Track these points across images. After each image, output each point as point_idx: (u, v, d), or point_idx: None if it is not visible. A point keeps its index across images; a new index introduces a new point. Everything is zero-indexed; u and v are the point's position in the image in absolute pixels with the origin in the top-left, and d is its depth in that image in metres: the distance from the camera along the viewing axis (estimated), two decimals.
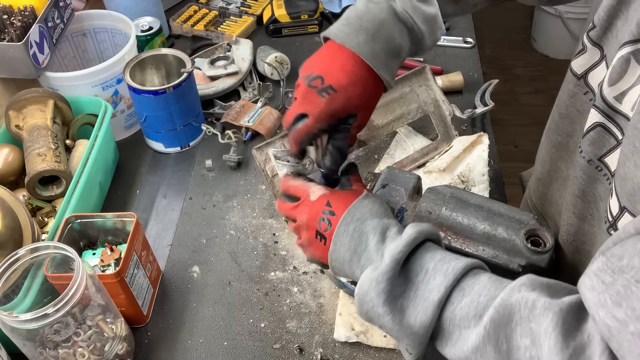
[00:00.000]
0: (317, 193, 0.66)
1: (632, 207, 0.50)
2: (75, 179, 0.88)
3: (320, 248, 0.64)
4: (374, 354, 0.77)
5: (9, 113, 0.96)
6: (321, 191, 0.66)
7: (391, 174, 0.76)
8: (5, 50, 0.96)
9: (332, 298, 0.84)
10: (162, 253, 0.91)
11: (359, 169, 1.02)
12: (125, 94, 1.09)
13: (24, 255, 0.68)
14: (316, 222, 0.64)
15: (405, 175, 0.76)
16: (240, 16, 1.40)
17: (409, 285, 0.55)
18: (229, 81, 1.17)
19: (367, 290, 0.55)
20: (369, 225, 0.60)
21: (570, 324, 0.46)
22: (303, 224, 0.65)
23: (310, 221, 0.64)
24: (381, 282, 0.54)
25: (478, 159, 0.94)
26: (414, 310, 0.54)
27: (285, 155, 0.89)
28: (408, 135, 1.04)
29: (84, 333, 0.70)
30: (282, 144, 0.91)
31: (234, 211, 0.97)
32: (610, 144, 0.58)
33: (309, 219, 0.64)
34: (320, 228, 0.63)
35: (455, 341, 0.53)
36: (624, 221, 0.52)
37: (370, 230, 0.59)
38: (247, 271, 0.88)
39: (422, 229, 0.57)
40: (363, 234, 0.60)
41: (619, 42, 0.56)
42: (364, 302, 0.56)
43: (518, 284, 0.51)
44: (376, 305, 0.55)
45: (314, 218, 0.64)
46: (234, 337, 0.80)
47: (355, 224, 0.60)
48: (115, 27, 1.17)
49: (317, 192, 0.66)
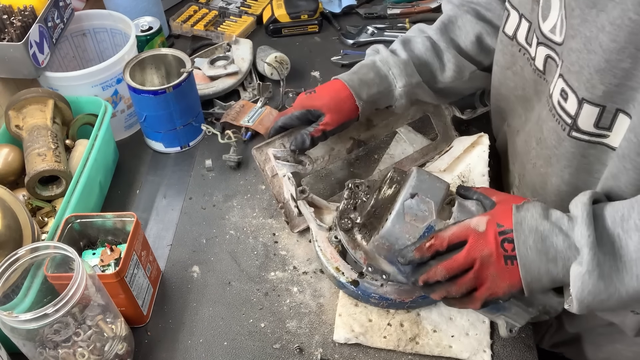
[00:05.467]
0: (482, 222, 0.65)
1: (590, 94, 0.60)
2: (75, 179, 0.88)
3: (510, 274, 0.62)
4: (374, 354, 0.77)
5: (9, 113, 0.96)
6: (483, 219, 0.65)
7: (420, 181, 0.71)
8: (5, 50, 0.96)
9: (332, 298, 0.84)
10: (162, 253, 0.91)
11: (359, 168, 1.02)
12: (125, 94, 1.09)
13: (24, 255, 0.67)
14: (500, 248, 0.62)
15: (435, 184, 0.72)
16: (240, 16, 1.40)
17: (612, 258, 0.57)
18: (228, 81, 1.17)
19: (582, 286, 0.57)
20: (544, 230, 0.61)
21: None
22: (487, 258, 0.63)
23: (495, 249, 0.63)
24: (592, 271, 0.56)
25: (478, 159, 0.94)
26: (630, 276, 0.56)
27: (285, 156, 0.89)
28: (407, 135, 1.04)
29: (84, 333, 0.69)
30: (282, 144, 0.91)
31: (234, 211, 0.97)
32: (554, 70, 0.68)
33: (492, 248, 0.63)
34: (507, 251, 0.62)
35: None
36: (584, 115, 0.62)
37: (548, 233, 0.60)
38: (247, 271, 0.88)
39: (584, 202, 0.59)
40: (544, 239, 0.60)
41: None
42: (584, 297, 0.58)
43: None
44: (597, 294, 0.57)
45: (497, 246, 0.63)
46: (234, 337, 0.80)
47: (532, 236, 0.61)
48: (115, 27, 1.17)
49: (481, 221, 0.65)
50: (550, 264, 0.60)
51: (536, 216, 0.62)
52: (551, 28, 0.67)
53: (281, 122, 0.90)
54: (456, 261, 0.64)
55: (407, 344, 0.77)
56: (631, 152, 0.58)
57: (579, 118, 0.63)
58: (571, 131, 0.64)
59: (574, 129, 0.64)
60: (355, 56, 1.27)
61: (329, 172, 1.02)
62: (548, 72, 0.71)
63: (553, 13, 0.66)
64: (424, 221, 0.69)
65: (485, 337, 0.77)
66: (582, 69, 0.60)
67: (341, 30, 1.36)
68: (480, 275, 0.64)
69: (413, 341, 0.77)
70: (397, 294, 0.78)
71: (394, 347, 0.77)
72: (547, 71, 0.71)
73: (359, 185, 0.79)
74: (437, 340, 0.77)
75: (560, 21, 0.64)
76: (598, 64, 0.58)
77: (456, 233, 0.65)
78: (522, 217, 0.62)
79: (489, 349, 0.76)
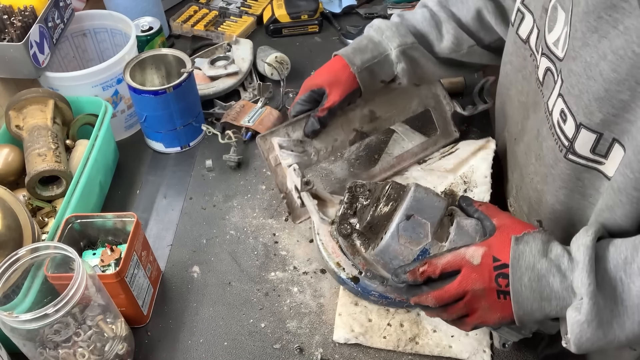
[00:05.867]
0: (477, 254, 0.63)
1: (588, 120, 0.58)
2: (75, 179, 0.88)
3: (502, 307, 0.62)
4: (374, 354, 0.77)
5: (9, 113, 0.96)
6: (479, 250, 0.63)
7: (417, 201, 0.69)
8: (6, 50, 0.96)
9: (332, 298, 0.84)
10: (162, 253, 0.91)
11: (359, 168, 1.02)
12: (125, 94, 1.09)
13: (24, 255, 0.68)
14: (493, 282, 0.61)
15: (433, 204, 0.69)
16: (240, 16, 1.40)
17: (613, 303, 0.56)
18: (229, 81, 1.17)
19: (580, 333, 0.56)
20: (540, 268, 0.59)
21: None
22: (479, 292, 0.62)
23: (487, 283, 0.61)
24: (592, 320, 0.55)
25: (482, 161, 0.94)
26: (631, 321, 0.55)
27: (290, 145, 0.88)
28: (405, 133, 1.05)
29: (84, 333, 0.69)
30: (287, 133, 0.91)
31: (234, 211, 0.97)
32: (551, 86, 0.66)
33: (486, 282, 0.61)
34: (500, 286, 0.61)
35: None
36: (581, 139, 0.60)
37: (545, 273, 0.59)
38: (247, 271, 0.88)
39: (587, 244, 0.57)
40: (540, 279, 0.59)
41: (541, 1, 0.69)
42: (582, 343, 0.57)
43: None
44: (596, 341, 0.56)
45: (490, 280, 0.61)
46: (234, 337, 0.80)
47: (528, 274, 0.59)
48: (115, 27, 1.17)
49: (477, 253, 0.63)
50: (544, 302, 0.59)
51: (534, 252, 0.60)
52: (554, 41, 0.65)
53: (294, 111, 0.91)
54: (447, 292, 0.63)
55: (407, 344, 0.77)
56: (627, 186, 0.56)
57: (576, 142, 0.61)
58: (567, 153, 0.63)
59: (570, 151, 0.63)
60: None
61: (329, 171, 1.02)
62: (545, 85, 0.69)
63: (558, 26, 0.64)
64: (419, 244, 0.67)
65: (485, 337, 0.77)
66: (581, 93, 0.59)
67: (341, 30, 1.36)
68: (471, 306, 0.63)
69: (413, 341, 0.77)
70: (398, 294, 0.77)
71: (394, 347, 0.77)
72: (544, 84, 0.69)
73: (360, 188, 0.76)
74: (437, 340, 0.77)
75: (565, 36, 0.63)
76: (597, 92, 0.56)
77: (450, 262, 0.64)
78: (520, 251, 0.60)
79: (489, 349, 0.76)
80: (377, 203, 0.72)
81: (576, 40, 0.59)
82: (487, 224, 0.67)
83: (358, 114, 0.96)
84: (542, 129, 0.70)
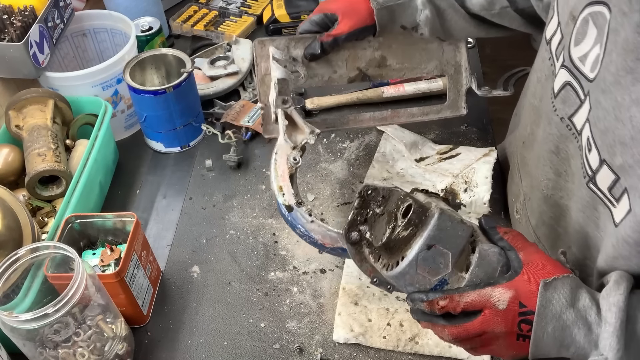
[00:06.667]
0: (504, 298, 0.58)
1: (610, 159, 0.55)
2: (75, 179, 0.88)
3: (519, 347, 0.59)
4: (374, 354, 0.77)
5: (9, 113, 0.96)
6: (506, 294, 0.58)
7: (440, 230, 0.61)
8: (5, 50, 0.96)
9: (331, 298, 0.84)
10: (162, 253, 0.91)
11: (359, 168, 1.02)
12: (125, 94, 1.09)
13: (24, 255, 0.68)
14: (515, 327, 0.58)
15: (457, 232, 0.62)
16: (240, 16, 1.40)
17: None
18: (229, 81, 1.17)
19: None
20: (566, 319, 0.57)
21: None
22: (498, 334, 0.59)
23: (509, 327, 0.58)
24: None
25: (483, 163, 0.94)
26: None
27: (284, 60, 0.85)
28: (395, 132, 1.05)
29: (84, 333, 0.69)
30: (287, 46, 0.87)
31: (234, 211, 0.97)
32: (576, 103, 0.62)
33: (507, 325, 0.58)
34: (522, 331, 0.58)
35: None
36: (602, 174, 0.57)
37: (570, 324, 0.57)
38: (247, 271, 0.88)
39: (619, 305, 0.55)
40: (564, 329, 0.57)
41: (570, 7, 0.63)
42: None
43: None
44: None
45: (513, 325, 0.58)
46: (234, 337, 0.80)
47: (553, 323, 0.57)
48: (115, 27, 1.17)
49: (503, 297, 0.58)
50: (562, 349, 0.58)
51: (563, 301, 0.57)
52: (581, 56, 0.60)
53: (301, 29, 0.87)
54: (465, 331, 0.60)
55: (407, 344, 0.77)
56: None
57: (598, 175, 0.59)
58: (589, 182, 0.60)
59: (592, 181, 0.60)
60: None
61: (329, 172, 1.02)
62: (562, 99, 0.65)
63: (587, 41, 0.59)
64: (438, 274, 0.62)
65: None
66: (607, 131, 0.55)
67: None
68: (487, 343, 0.61)
69: (412, 341, 0.77)
70: (322, 237, 0.71)
71: (394, 347, 0.77)
72: (559, 97, 0.65)
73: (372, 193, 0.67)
74: (437, 340, 0.77)
75: (596, 59, 0.58)
76: (623, 136, 0.53)
77: (474, 302, 0.59)
78: (548, 299, 0.57)
79: None
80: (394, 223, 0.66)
81: (609, 73, 0.55)
82: (513, 257, 0.61)
83: (368, 55, 0.91)
84: (568, 146, 0.66)
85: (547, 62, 0.70)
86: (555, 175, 0.70)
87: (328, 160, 1.04)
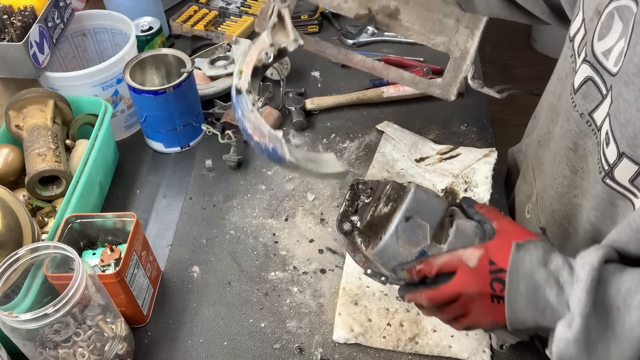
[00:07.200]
0: (474, 256, 0.62)
1: (631, 151, 0.55)
2: (75, 179, 0.88)
3: (495, 311, 0.61)
4: (374, 354, 0.77)
5: (9, 113, 0.96)
6: (476, 252, 0.62)
7: (417, 202, 0.67)
8: (5, 50, 0.96)
9: (332, 298, 0.84)
10: (162, 253, 0.91)
11: (359, 168, 1.02)
12: (125, 94, 1.09)
13: (24, 255, 0.68)
14: (488, 286, 0.61)
15: (433, 205, 0.68)
16: (240, 16, 1.40)
17: (604, 327, 0.54)
18: (229, 81, 1.17)
19: (564, 349, 0.56)
20: (538, 278, 0.58)
21: None
22: (473, 295, 0.62)
23: (482, 287, 0.61)
24: (579, 340, 0.54)
25: (484, 164, 0.94)
26: (617, 349, 0.54)
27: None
28: (394, 132, 1.05)
29: (84, 333, 0.69)
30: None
31: (234, 211, 0.97)
32: (597, 99, 0.62)
33: (479, 284, 0.61)
34: (495, 291, 0.60)
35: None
36: (621, 167, 0.56)
37: (542, 283, 0.58)
38: (247, 271, 0.88)
39: (593, 265, 0.55)
40: (537, 288, 0.58)
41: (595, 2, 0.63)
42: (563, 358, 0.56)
43: None
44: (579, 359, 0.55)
45: (485, 284, 0.61)
46: (234, 337, 0.80)
47: (525, 282, 0.58)
48: (115, 27, 1.17)
49: (474, 255, 0.62)
50: (537, 313, 0.58)
51: (535, 261, 0.58)
52: (605, 51, 0.60)
53: None
54: (441, 293, 0.64)
55: (407, 344, 0.77)
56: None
57: (616, 169, 0.58)
58: (606, 177, 0.60)
59: (609, 176, 0.60)
60: None
61: None
62: (582, 95, 0.64)
63: (612, 36, 0.59)
64: (418, 245, 0.67)
65: (485, 337, 0.77)
66: (627, 123, 0.55)
67: (341, 30, 1.36)
68: (465, 308, 0.63)
69: (412, 341, 0.77)
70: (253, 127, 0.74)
71: (394, 347, 0.77)
72: (579, 92, 0.65)
73: (362, 186, 0.75)
74: (437, 340, 0.77)
75: (621, 52, 0.58)
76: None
77: (447, 262, 0.63)
78: (520, 258, 0.59)
79: (489, 349, 0.76)
80: (377, 203, 0.72)
81: (632, 64, 0.55)
82: (487, 227, 0.66)
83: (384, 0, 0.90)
84: (586, 143, 0.66)
85: (569, 60, 0.70)
86: (571, 172, 0.70)
87: None
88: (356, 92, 1.15)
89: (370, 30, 1.34)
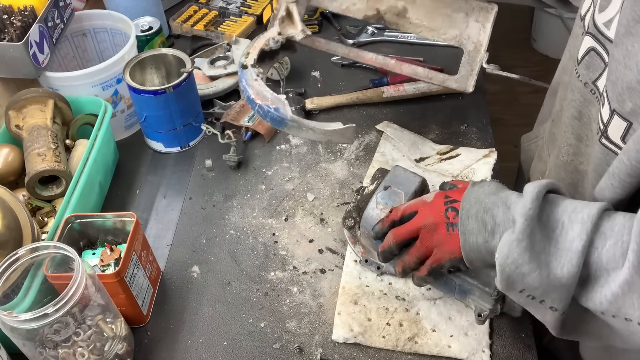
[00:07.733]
0: (432, 195, 0.70)
1: (620, 107, 0.58)
2: (75, 179, 0.89)
3: (451, 241, 0.65)
4: (374, 353, 0.77)
5: (9, 113, 0.96)
6: (434, 193, 0.70)
7: (395, 176, 0.79)
8: (5, 50, 0.96)
9: (331, 298, 0.84)
10: (162, 253, 0.92)
11: (359, 168, 1.02)
12: (125, 94, 1.09)
13: (23, 255, 0.68)
14: (443, 215, 0.66)
15: (409, 178, 0.79)
16: (240, 16, 1.40)
17: (547, 241, 0.56)
18: (229, 81, 1.17)
19: (507, 252, 0.56)
20: (488, 202, 0.62)
21: None
22: (430, 225, 0.67)
23: (438, 217, 0.66)
24: (522, 240, 0.55)
25: (483, 164, 0.94)
26: (558, 262, 0.55)
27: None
28: (395, 133, 1.05)
29: (84, 333, 0.70)
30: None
31: (234, 211, 0.97)
32: (600, 67, 0.64)
33: (436, 215, 0.67)
34: (449, 219, 0.66)
35: (602, 284, 0.54)
36: (613, 125, 0.59)
37: (491, 206, 0.61)
38: (247, 271, 0.88)
39: (541, 183, 0.58)
40: (486, 211, 0.61)
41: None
42: (506, 265, 0.57)
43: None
44: (520, 264, 0.56)
45: (439, 213, 0.66)
46: (234, 337, 0.80)
47: (476, 207, 0.62)
48: (115, 27, 1.17)
49: (432, 194, 0.70)
50: (487, 235, 0.61)
51: (487, 191, 0.63)
52: (606, 21, 0.63)
53: None
54: (403, 228, 0.71)
55: (406, 344, 0.77)
56: (621, 172, 0.57)
57: (609, 127, 0.60)
58: (602, 137, 0.62)
59: (604, 135, 0.62)
60: None
61: (328, 171, 1.02)
62: (585, 64, 0.67)
63: (613, 6, 0.62)
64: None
65: (485, 337, 0.77)
66: (617, 80, 0.58)
67: (341, 30, 1.37)
68: (426, 243, 0.68)
69: (412, 341, 0.78)
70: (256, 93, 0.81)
71: (393, 347, 0.77)
72: (582, 63, 0.68)
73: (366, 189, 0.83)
74: (436, 339, 0.77)
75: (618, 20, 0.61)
76: (630, 81, 0.56)
77: (410, 205, 0.72)
78: (474, 190, 0.64)
79: (488, 349, 0.76)
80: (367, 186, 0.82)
81: (622, 26, 0.58)
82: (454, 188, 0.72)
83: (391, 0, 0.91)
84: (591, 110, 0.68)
85: (579, 38, 0.72)
86: (576, 140, 0.72)
87: (328, 160, 1.04)
88: (356, 92, 1.15)
89: (370, 30, 1.34)
